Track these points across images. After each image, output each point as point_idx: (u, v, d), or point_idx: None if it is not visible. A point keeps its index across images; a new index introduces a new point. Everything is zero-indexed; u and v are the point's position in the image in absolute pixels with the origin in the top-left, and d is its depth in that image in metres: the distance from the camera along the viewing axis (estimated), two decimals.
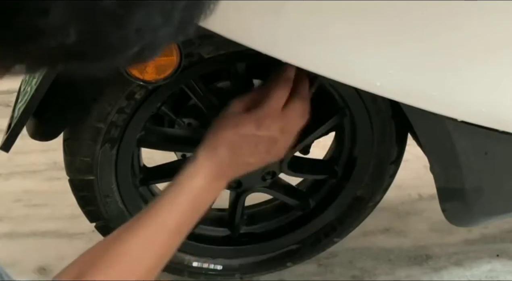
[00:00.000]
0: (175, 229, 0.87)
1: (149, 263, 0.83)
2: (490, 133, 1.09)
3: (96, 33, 0.33)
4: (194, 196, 0.87)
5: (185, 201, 0.86)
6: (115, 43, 0.34)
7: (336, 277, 1.51)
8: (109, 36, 0.33)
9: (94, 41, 0.33)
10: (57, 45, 0.32)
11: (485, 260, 1.58)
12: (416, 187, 1.84)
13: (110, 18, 0.32)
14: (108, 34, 0.33)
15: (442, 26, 0.94)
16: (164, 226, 0.86)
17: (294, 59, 0.93)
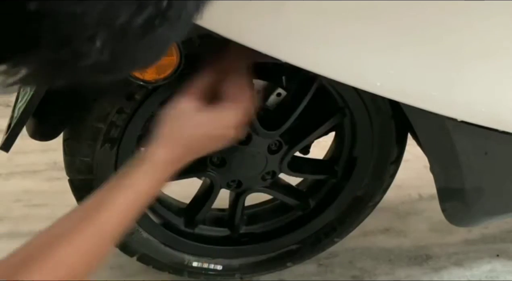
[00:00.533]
0: (111, 234, 0.82)
1: (82, 268, 0.77)
2: (490, 133, 1.09)
3: (126, 50, 0.39)
4: (136, 199, 0.83)
5: (126, 204, 0.82)
6: (138, 56, 0.40)
7: (336, 277, 1.51)
8: (135, 52, 0.40)
9: (123, 57, 0.39)
10: (92, 63, 0.38)
11: (485, 260, 1.58)
12: (416, 187, 1.84)
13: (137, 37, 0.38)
14: (134, 50, 0.39)
15: (442, 27, 0.94)
16: (101, 232, 0.80)
17: (294, 59, 0.93)
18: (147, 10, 0.38)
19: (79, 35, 0.36)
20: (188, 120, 0.92)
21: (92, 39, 0.36)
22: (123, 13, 0.37)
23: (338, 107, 1.24)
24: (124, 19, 0.37)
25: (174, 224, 1.38)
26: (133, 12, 0.37)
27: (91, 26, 0.36)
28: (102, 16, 0.36)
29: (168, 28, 0.40)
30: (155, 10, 0.38)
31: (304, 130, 1.28)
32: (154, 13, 0.38)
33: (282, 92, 1.28)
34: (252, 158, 1.25)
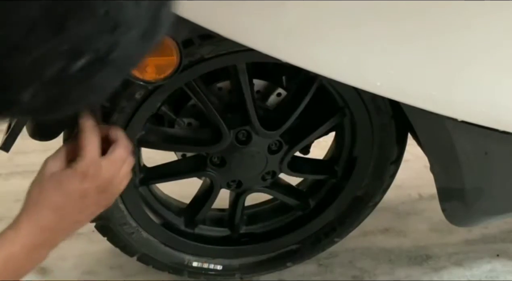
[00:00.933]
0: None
1: None
2: (490, 133, 1.09)
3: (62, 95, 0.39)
4: (6, 263, 0.79)
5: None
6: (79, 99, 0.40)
7: (336, 277, 1.51)
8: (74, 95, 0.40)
9: (59, 101, 0.40)
10: (27, 109, 0.38)
11: (485, 260, 1.58)
12: (416, 187, 1.84)
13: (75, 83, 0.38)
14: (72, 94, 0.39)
15: (442, 27, 0.94)
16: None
17: (294, 59, 0.93)
18: (84, 58, 0.37)
19: (9, 86, 0.36)
20: (52, 181, 0.85)
21: (22, 89, 0.36)
22: (55, 64, 0.36)
23: (338, 107, 1.24)
24: (56, 69, 0.36)
25: (174, 224, 1.38)
26: (68, 62, 0.36)
27: (21, 78, 0.36)
28: (32, 68, 0.35)
29: (109, 71, 0.39)
30: (93, 57, 0.37)
31: (304, 130, 1.28)
32: (91, 60, 0.37)
33: (282, 92, 1.28)
34: (252, 158, 1.25)
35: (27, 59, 0.35)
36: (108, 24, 0.36)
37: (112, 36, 0.37)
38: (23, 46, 0.34)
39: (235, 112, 1.22)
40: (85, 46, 0.36)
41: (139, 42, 0.39)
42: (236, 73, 1.14)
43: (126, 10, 0.37)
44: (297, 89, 1.23)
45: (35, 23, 0.33)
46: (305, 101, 1.20)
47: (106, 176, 0.87)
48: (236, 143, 1.22)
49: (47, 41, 0.35)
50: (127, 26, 0.37)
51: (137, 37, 0.39)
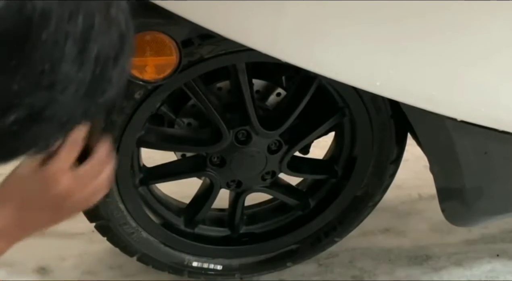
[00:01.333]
0: None
1: None
2: (490, 133, 1.09)
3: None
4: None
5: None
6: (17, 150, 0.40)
7: (336, 277, 1.51)
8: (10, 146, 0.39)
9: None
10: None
11: (485, 260, 1.58)
12: (416, 187, 1.83)
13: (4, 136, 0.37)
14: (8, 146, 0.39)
15: (442, 27, 0.94)
16: None
17: (294, 59, 0.93)
18: (15, 112, 0.36)
19: None
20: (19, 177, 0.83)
21: None
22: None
23: (338, 107, 1.24)
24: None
25: (174, 224, 1.38)
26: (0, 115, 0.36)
27: None
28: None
29: (47, 126, 0.38)
30: (27, 112, 0.36)
31: (304, 130, 1.28)
32: (25, 115, 0.36)
33: (282, 92, 1.28)
34: (251, 158, 1.25)
35: None
36: (43, 81, 0.36)
37: (47, 94, 0.36)
38: None
39: (234, 112, 1.22)
40: (17, 101, 0.35)
41: (81, 100, 0.38)
42: (235, 73, 1.14)
43: (65, 69, 0.36)
44: (297, 89, 1.23)
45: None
46: (304, 101, 1.20)
47: (66, 189, 0.83)
48: (235, 142, 1.22)
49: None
50: (65, 84, 0.36)
51: (77, 95, 0.38)
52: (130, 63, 0.41)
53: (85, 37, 0.36)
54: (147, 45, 0.96)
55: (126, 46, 0.40)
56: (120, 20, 0.39)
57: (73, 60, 0.36)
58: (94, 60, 0.37)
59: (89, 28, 0.36)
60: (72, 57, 0.35)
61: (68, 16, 0.34)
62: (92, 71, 0.37)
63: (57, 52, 0.35)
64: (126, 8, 0.40)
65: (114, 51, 0.38)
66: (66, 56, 0.35)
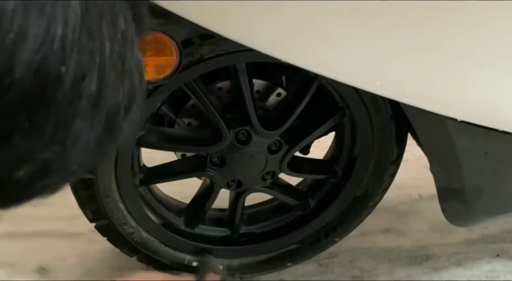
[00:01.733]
0: None
1: None
2: (490, 133, 1.09)
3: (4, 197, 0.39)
4: None
5: None
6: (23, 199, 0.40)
7: (336, 277, 1.51)
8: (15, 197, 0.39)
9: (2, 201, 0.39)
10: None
11: (485, 260, 1.58)
12: (416, 187, 1.83)
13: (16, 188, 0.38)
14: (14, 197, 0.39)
15: (442, 27, 0.94)
16: None
17: (294, 59, 0.93)
18: (29, 167, 0.36)
19: None
20: None
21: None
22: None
23: (338, 107, 1.24)
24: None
25: (174, 224, 1.38)
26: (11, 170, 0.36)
27: None
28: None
29: (57, 177, 0.39)
30: (39, 165, 0.37)
31: (304, 130, 1.28)
32: (37, 168, 0.37)
33: (282, 92, 1.28)
34: (252, 158, 1.25)
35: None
36: (56, 138, 0.36)
37: (59, 148, 0.37)
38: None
39: (235, 112, 1.22)
40: (30, 156, 0.36)
41: (92, 150, 0.39)
42: (236, 73, 1.14)
43: (78, 126, 0.36)
44: (297, 89, 1.23)
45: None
46: (304, 101, 1.20)
47: None
48: (236, 142, 1.22)
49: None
50: (77, 139, 0.37)
51: (89, 147, 0.38)
52: (141, 108, 0.42)
53: (98, 95, 0.36)
54: (147, 45, 0.96)
55: (138, 94, 0.40)
56: (133, 71, 0.39)
57: (85, 117, 0.36)
58: (106, 115, 0.37)
59: (102, 86, 0.36)
60: (85, 114, 0.36)
61: (82, 76, 0.35)
62: (103, 125, 0.38)
63: (70, 111, 0.35)
64: (139, 56, 0.40)
65: (126, 102, 0.39)
66: (79, 113, 0.36)
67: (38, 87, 0.33)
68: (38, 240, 1.61)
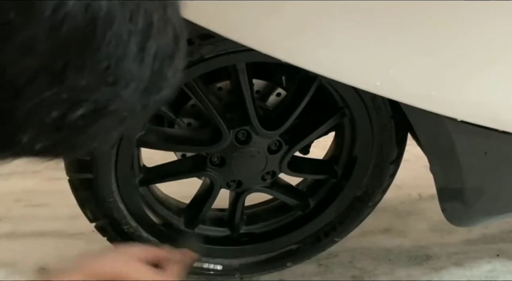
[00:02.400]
0: None
1: None
2: (490, 133, 1.09)
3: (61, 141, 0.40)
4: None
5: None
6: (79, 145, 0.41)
7: (336, 277, 1.51)
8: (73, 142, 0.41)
9: (58, 146, 0.40)
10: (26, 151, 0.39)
11: (485, 260, 1.58)
12: (416, 187, 1.84)
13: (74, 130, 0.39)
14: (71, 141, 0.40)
15: (442, 27, 0.94)
16: None
17: (294, 59, 0.93)
18: (83, 107, 0.38)
19: (7, 129, 0.37)
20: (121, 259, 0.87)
21: (21, 132, 0.37)
22: (54, 112, 0.37)
23: (338, 107, 1.24)
24: (56, 116, 0.37)
25: (174, 224, 1.38)
26: (67, 110, 0.37)
27: (20, 122, 0.37)
28: (31, 114, 0.36)
29: (109, 121, 0.40)
30: (93, 107, 0.38)
31: (304, 130, 1.28)
32: (91, 110, 0.38)
33: (282, 92, 1.28)
34: (252, 158, 1.25)
35: (27, 105, 0.36)
36: (108, 78, 0.37)
37: (111, 89, 0.38)
38: (23, 93, 0.35)
39: (235, 112, 1.22)
40: (84, 97, 0.37)
41: (140, 96, 0.40)
42: (236, 73, 1.14)
43: (129, 66, 0.38)
44: (297, 89, 1.23)
45: (36, 74, 0.35)
46: (304, 101, 1.20)
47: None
48: (236, 142, 1.22)
49: (47, 90, 0.36)
50: (127, 81, 0.38)
51: (138, 91, 0.40)
52: (183, 65, 0.43)
53: (145, 36, 0.38)
54: None
55: (181, 46, 0.42)
56: (175, 20, 0.41)
57: (134, 57, 0.38)
58: (152, 57, 0.39)
59: (148, 27, 0.38)
60: (133, 54, 0.37)
61: (130, 16, 0.36)
62: (150, 68, 0.39)
63: (120, 49, 0.36)
64: (179, 10, 0.42)
65: (170, 50, 0.40)
66: (128, 53, 0.37)
67: (89, 24, 0.35)
68: (38, 240, 1.61)
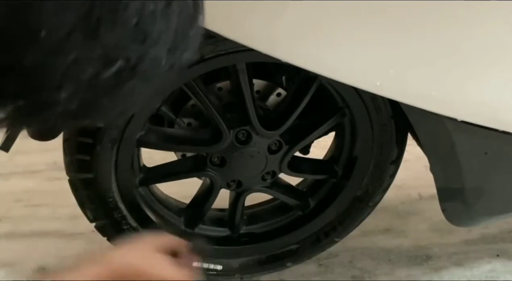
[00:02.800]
0: None
1: None
2: (490, 133, 1.09)
3: (95, 101, 0.41)
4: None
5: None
6: (110, 106, 0.42)
7: (336, 277, 1.51)
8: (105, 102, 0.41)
9: (92, 106, 0.41)
10: (61, 111, 0.40)
11: (485, 260, 1.58)
12: (416, 187, 1.83)
13: (106, 89, 0.40)
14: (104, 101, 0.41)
15: (442, 27, 0.94)
16: None
17: (294, 59, 0.93)
18: (115, 65, 0.39)
19: (46, 86, 0.38)
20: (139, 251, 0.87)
21: (59, 89, 0.38)
22: (90, 68, 0.38)
23: (338, 107, 1.24)
24: (91, 73, 0.38)
25: (174, 224, 1.38)
26: (101, 67, 0.39)
27: (58, 78, 0.38)
28: (69, 70, 0.38)
29: (139, 81, 0.41)
30: (124, 65, 0.39)
31: (304, 130, 1.28)
32: (122, 68, 0.39)
33: (282, 92, 1.28)
34: (252, 158, 1.25)
35: (65, 61, 0.37)
36: (138, 35, 0.39)
37: (141, 47, 0.39)
38: (61, 49, 0.37)
39: (235, 112, 1.22)
40: (116, 54, 0.39)
41: (167, 55, 0.41)
42: (236, 73, 1.14)
43: (156, 23, 0.39)
44: (297, 89, 1.23)
45: (72, 29, 0.36)
46: (305, 101, 1.20)
47: None
48: (236, 142, 1.22)
49: (82, 46, 0.37)
50: (155, 39, 0.40)
51: (165, 50, 0.41)
52: (202, 30, 0.46)
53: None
54: None
55: (200, 10, 0.45)
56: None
57: (161, 15, 0.39)
58: (177, 17, 0.41)
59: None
60: (160, 11, 0.39)
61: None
62: (176, 27, 0.41)
63: (147, 7, 0.38)
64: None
65: (192, 11, 0.43)
66: (155, 11, 0.39)
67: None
68: (38, 240, 1.61)
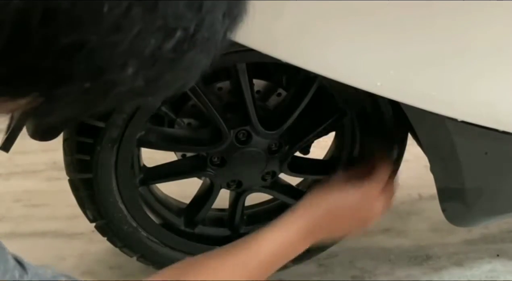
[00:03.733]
0: (258, 265, 0.92)
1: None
2: (490, 133, 1.09)
3: (158, 75, 0.41)
4: (280, 245, 0.93)
5: (272, 247, 0.93)
6: (172, 80, 0.43)
7: (336, 277, 1.51)
8: (168, 76, 0.42)
9: (157, 81, 0.42)
10: (127, 90, 0.40)
11: (485, 260, 1.58)
12: (416, 187, 1.83)
13: (168, 62, 0.41)
14: (167, 75, 0.42)
15: (442, 27, 0.94)
16: (252, 258, 0.91)
17: (294, 59, 0.93)
18: (175, 36, 0.39)
19: (111, 65, 0.38)
20: (337, 190, 0.98)
21: (124, 67, 0.39)
22: (152, 41, 0.39)
23: (338, 107, 1.24)
24: (153, 46, 0.39)
25: (174, 224, 1.38)
26: (162, 39, 0.39)
27: (122, 55, 0.38)
28: (133, 45, 0.38)
29: (198, 51, 0.42)
30: (183, 35, 0.40)
31: (304, 130, 1.28)
32: (182, 38, 0.40)
33: (282, 92, 1.28)
34: (252, 158, 1.25)
35: (127, 37, 0.37)
36: (195, 2, 0.39)
37: (198, 14, 0.40)
38: (122, 25, 0.37)
39: (235, 112, 1.21)
40: (175, 24, 0.39)
41: (222, 22, 0.42)
42: (236, 73, 1.14)
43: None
44: (297, 89, 1.23)
45: (131, 2, 0.37)
46: (305, 101, 1.20)
47: (377, 206, 1.02)
48: (236, 143, 1.22)
49: (142, 19, 0.37)
50: (210, 6, 0.40)
51: (219, 17, 0.42)
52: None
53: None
54: None
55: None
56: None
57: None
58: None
59: None
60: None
61: None
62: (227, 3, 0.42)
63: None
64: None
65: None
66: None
67: None
68: (38, 240, 1.61)
